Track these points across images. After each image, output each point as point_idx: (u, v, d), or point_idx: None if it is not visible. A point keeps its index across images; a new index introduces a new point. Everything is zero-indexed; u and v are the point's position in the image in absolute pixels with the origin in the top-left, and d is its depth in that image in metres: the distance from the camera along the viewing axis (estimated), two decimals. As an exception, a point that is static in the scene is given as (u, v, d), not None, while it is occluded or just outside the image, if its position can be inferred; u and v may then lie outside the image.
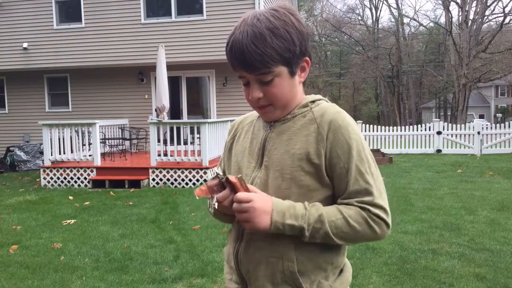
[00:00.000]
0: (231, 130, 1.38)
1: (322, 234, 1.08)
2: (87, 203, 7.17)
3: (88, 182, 8.94)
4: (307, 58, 1.17)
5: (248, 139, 1.27)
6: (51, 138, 9.05)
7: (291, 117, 1.19)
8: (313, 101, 1.21)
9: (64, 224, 5.84)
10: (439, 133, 14.31)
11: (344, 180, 1.12)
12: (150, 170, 8.71)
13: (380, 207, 1.10)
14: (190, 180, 8.53)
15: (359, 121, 15.37)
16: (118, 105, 12.61)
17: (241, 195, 1.06)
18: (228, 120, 9.99)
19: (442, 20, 37.74)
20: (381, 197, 1.12)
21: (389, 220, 1.12)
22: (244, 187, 1.08)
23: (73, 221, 5.97)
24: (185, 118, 12.20)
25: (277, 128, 1.20)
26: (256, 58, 1.08)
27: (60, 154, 9.21)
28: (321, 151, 1.12)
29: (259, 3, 10.82)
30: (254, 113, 1.33)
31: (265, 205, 1.07)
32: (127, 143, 11.98)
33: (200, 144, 8.58)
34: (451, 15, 31.83)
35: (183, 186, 8.51)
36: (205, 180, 8.44)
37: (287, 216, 1.07)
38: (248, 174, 1.20)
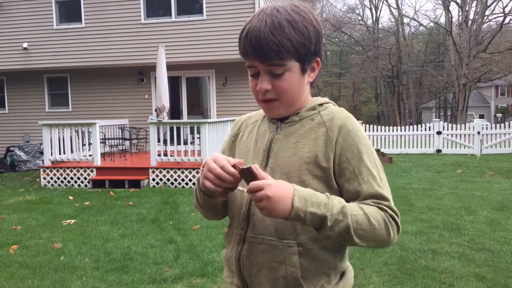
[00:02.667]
0: (234, 127, 1.34)
1: (342, 227, 1.02)
2: (87, 203, 7.17)
3: (88, 182, 8.94)
4: (318, 59, 1.16)
5: (252, 139, 1.24)
6: (51, 138, 9.05)
7: (298, 119, 1.17)
8: (321, 104, 1.20)
9: (64, 224, 5.84)
10: (439, 133, 14.31)
11: (353, 184, 1.10)
12: (150, 170, 8.71)
13: (395, 212, 1.09)
14: (190, 180, 8.53)
15: (359, 121, 15.35)
16: (118, 105, 12.61)
17: (252, 184, 1.00)
18: (228, 120, 9.98)
19: (442, 20, 37.81)
20: (393, 203, 1.11)
21: (400, 225, 1.11)
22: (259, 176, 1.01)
23: (73, 221, 5.97)
24: (185, 118, 12.20)
25: (284, 130, 1.18)
26: (272, 47, 1.06)
27: (60, 154, 9.21)
28: (330, 155, 1.11)
29: (259, 3, 10.82)
30: (259, 113, 1.31)
31: (281, 192, 1.00)
32: (127, 143, 11.98)
33: (200, 144, 8.58)
34: (451, 15, 31.85)
35: (183, 186, 8.51)
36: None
37: (309, 203, 1.00)
38: None
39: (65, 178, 9.07)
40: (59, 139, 9.13)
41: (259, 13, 1.11)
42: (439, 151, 14.22)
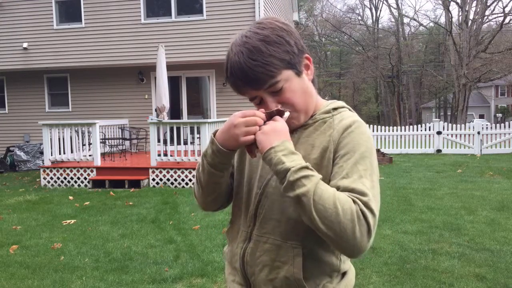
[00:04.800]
0: None
1: (303, 191, 0.99)
2: (87, 203, 7.17)
3: (88, 182, 8.94)
4: (307, 55, 1.16)
5: None
6: (51, 138, 9.05)
7: (312, 123, 1.17)
8: (335, 108, 1.20)
9: (64, 224, 5.84)
10: (439, 133, 14.31)
11: (336, 178, 1.06)
12: (150, 170, 8.71)
13: (371, 211, 1.00)
14: (190, 180, 8.53)
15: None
16: (118, 105, 12.61)
17: (276, 117, 1.08)
18: (228, 120, 9.97)
19: (442, 20, 37.81)
20: (376, 204, 1.02)
21: (373, 231, 1.01)
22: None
23: (73, 221, 5.97)
24: (185, 118, 12.20)
25: (298, 134, 1.18)
26: (259, 71, 1.06)
27: (60, 154, 9.21)
28: (331, 154, 1.10)
29: (259, 3, 10.82)
30: None
31: (282, 132, 1.06)
32: (127, 143, 11.98)
33: (200, 144, 8.58)
34: (451, 15, 31.82)
35: (183, 186, 8.51)
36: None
37: (286, 153, 1.03)
38: (264, 175, 1.18)
39: (65, 178, 9.07)
40: (59, 139, 9.13)
41: (231, 47, 1.12)
42: (439, 151, 14.21)
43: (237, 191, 1.26)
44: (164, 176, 8.66)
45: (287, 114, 1.10)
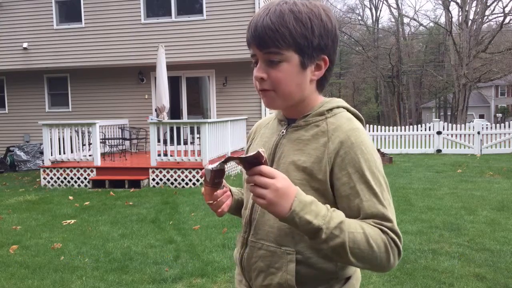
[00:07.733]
0: (250, 133, 1.34)
1: (337, 243, 0.96)
2: (87, 203, 7.17)
3: (88, 182, 8.94)
4: (326, 57, 1.09)
5: (261, 143, 1.23)
6: (51, 138, 9.05)
7: (304, 125, 1.13)
8: (330, 109, 1.13)
9: (64, 224, 5.84)
10: (439, 133, 14.31)
11: (354, 201, 1.04)
12: (150, 170, 8.71)
13: (398, 235, 1.04)
14: (190, 180, 8.53)
15: (359, 121, 15.30)
16: (118, 105, 12.61)
17: (265, 168, 0.95)
18: (228, 120, 9.98)
19: (442, 20, 37.80)
20: (396, 224, 1.05)
21: (402, 249, 1.06)
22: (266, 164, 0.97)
23: (73, 221, 5.97)
24: (185, 118, 12.20)
25: (288, 135, 1.14)
26: (268, 33, 1.03)
27: (60, 154, 9.21)
28: (327, 167, 1.05)
29: (259, 3, 10.82)
30: (272, 116, 1.30)
31: (288, 189, 0.95)
32: (127, 143, 11.98)
33: (200, 144, 8.58)
34: (451, 15, 31.84)
35: (183, 186, 8.51)
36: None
37: (308, 210, 0.95)
38: None
39: (65, 178, 9.07)
40: (59, 139, 9.13)
41: (269, 4, 1.09)
42: (439, 151, 14.21)
43: (245, 197, 1.29)
44: (164, 176, 8.66)
45: (262, 152, 0.95)
